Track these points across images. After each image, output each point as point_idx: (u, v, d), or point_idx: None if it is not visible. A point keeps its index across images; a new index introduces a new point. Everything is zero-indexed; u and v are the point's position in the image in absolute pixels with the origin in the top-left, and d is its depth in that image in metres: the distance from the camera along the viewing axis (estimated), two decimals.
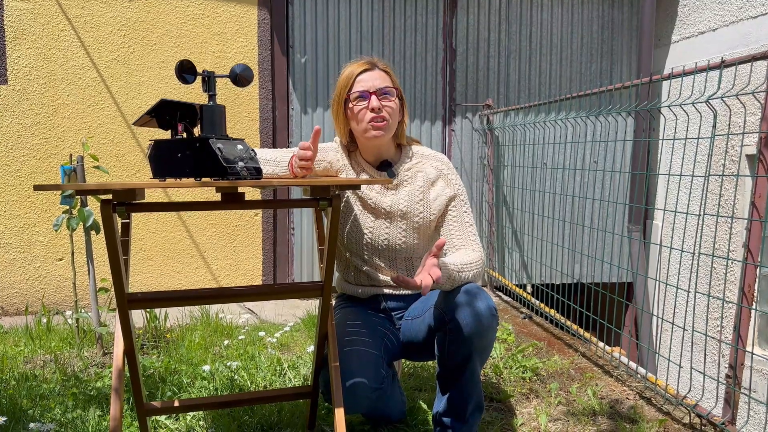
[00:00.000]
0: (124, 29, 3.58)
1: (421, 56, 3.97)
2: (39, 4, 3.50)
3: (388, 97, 1.67)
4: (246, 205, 1.37)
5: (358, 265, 1.81)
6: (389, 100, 1.67)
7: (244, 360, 2.48)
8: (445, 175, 1.77)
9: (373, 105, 1.64)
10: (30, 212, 3.58)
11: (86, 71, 3.57)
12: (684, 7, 3.93)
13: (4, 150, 3.52)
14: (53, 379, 2.24)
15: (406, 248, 1.77)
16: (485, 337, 1.56)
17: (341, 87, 1.69)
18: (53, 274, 3.63)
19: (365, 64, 1.68)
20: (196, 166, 1.41)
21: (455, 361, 1.59)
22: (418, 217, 1.75)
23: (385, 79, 1.68)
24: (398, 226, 1.75)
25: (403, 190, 1.76)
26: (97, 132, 3.59)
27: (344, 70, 1.71)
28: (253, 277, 3.89)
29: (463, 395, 1.63)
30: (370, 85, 1.65)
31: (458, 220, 1.74)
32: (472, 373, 1.61)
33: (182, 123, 1.50)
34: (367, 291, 1.82)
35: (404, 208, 1.74)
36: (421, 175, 1.76)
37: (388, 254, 1.78)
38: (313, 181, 1.35)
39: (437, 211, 1.74)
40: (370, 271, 1.81)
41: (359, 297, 1.84)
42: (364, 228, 1.76)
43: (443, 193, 1.74)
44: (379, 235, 1.75)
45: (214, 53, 3.67)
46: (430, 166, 1.77)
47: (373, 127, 1.66)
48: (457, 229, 1.73)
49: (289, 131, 3.86)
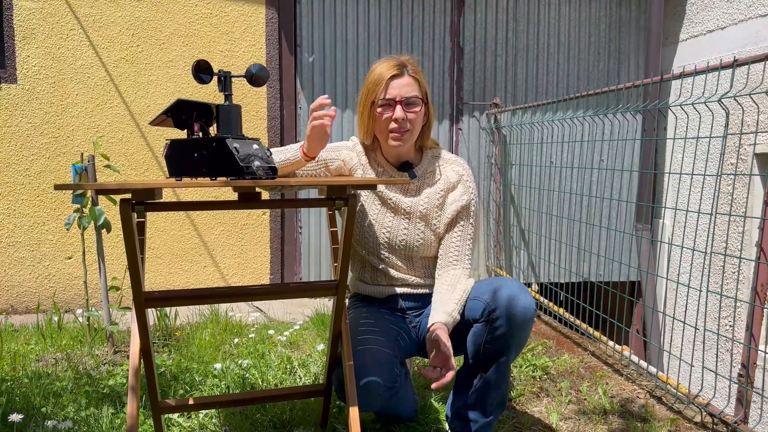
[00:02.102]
0: (132, 28, 3.59)
1: (428, 55, 3.98)
2: (48, 4, 3.51)
3: (414, 107, 1.67)
4: (263, 205, 1.38)
5: (374, 263, 1.82)
6: (414, 110, 1.67)
7: (254, 358, 2.49)
8: (465, 181, 1.78)
9: (397, 115, 1.64)
10: (39, 211, 3.59)
11: (95, 70, 3.58)
12: (692, 5, 3.92)
13: (14, 149, 3.53)
14: (66, 377, 2.25)
15: (423, 248, 1.78)
16: (525, 331, 1.61)
17: (369, 89, 1.68)
18: (62, 273, 3.64)
19: (396, 68, 1.66)
20: (213, 166, 1.42)
21: (491, 353, 1.62)
22: (435, 220, 1.76)
23: (412, 87, 1.67)
24: (417, 226, 1.76)
25: (423, 192, 1.77)
26: (106, 131, 3.60)
27: (374, 69, 1.70)
28: (261, 276, 3.90)
29: (491, 388, 1.66)
30: (396, 93, 1.64)
31: (462, 234, 1.76)
32: (504, 367, 1.65)
33: (198, 123, 1.50)
34: (385, 291, 1.83)
35: (424, 210, 1.76)
36: (442, 178, 1.78)
37: (405, 253, 1.79)
38: (330, 180, 1.36)
39: (450, 216, 1.76)
40: (387, 269, 1.81)
41: (376, 297, 1.85)
42: (383, 227, 1.77)
43: (460, 199, 1.76)
44: (398, 235, 1.76)
45: (222, 52, 3.68)
46: (451, 170, 1.78)
47: (393, 137, 1.67)
48: (458, 242, 1.75)
49: (297, 130, 3.86)
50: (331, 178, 1.41)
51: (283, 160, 1.67)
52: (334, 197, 1.37)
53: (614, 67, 4.17)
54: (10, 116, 3.52)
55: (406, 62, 1.70)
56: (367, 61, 3.89)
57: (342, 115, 3.89)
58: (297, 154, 1.66)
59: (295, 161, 1.67)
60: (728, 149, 3.36)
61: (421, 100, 1.69)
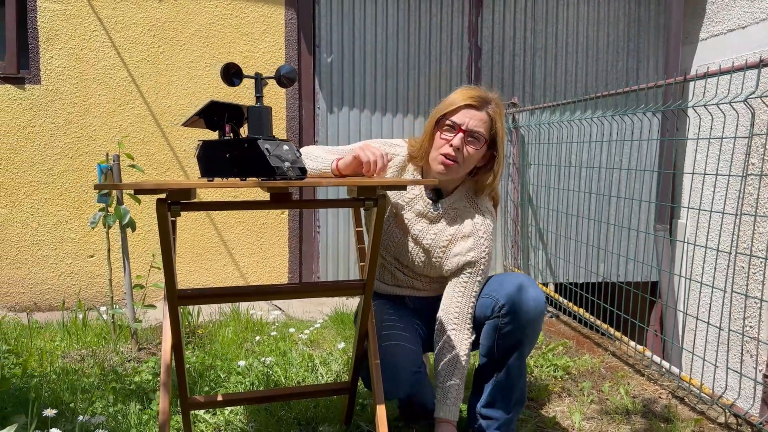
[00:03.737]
0: (153, 29, 3.62)
1: (446, 55, 3.98)
2: (71, 5, 3.56)
3: (475, 142, 1.62)
4: (294, 205, 1.39)
5: (390, 265, 1.84)
6: (473, 146, 1.62)
7: (276, 356, 2.51)
8: (479, 236, 1.71)
9: (454, 142, 1.60)
10: (62, 210, 3.64)
11: (117, 71, 3.62)
12: (712, 4, 3.89)
13: (38, 148, 3.59)
14: (92, 374, 2.29)
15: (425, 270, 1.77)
16: (537, 325, 1.63)
17: (444, 106, 1.64)
18: (84, 271, 3.69)
19: (477, 99, 1.61)
20: (244, 166, 1.44)
21: (505, 349, 1.65)
22: (436, 259, 1.74)
23: (483, 124, 1.61)
24: (419, 254, 1.74)
25: (436, 226, 1.73)
26: (128, 131, 3.65)
27: (459, 91, 1.64)
28: (280, 275, 3.93)
29: (508, 385, 1.68)
30: (464, 121, 1.60)
31: (466, 290, 1.72)
32: (519, 362, 1.67)
33: (229, 124, 1.53)
34: (389, 290, 1.85)
35: (427, 245, 1.73)
36: (458, 222, 1.73)
37: (420, 270, 1.80)
38: (359, 181, 1.37)
39: (452, 267, 1.73)
40: (394, 271, 1.83)
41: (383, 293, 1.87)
42: (392, 240, 1.77)
43: (466, 254, 1.71)
44: (403, 252, 1.77)
45: (242, 53, 3.71)
46: (470, 219, 1.72)
47: (442, 162, 1.63)
48: (461, 298, 1.72)
49: (315, 130, 3.89)
50: (360, 179, 1.42)
51: (313, 168, 1.65)
52: (364, 198, 1.38)
53: (633, 66, 4.15)
54: (34, 116, 3.58)
55: (490, 100, 1.63)
56: (385, 61, 3.90)
57: (360, 114, 3.91)
58: (328, 168, 1.63)
59: (323, 172, 1.66)
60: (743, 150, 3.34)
61: (484, 140, 1.63)
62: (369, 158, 1.51)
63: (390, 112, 3.94)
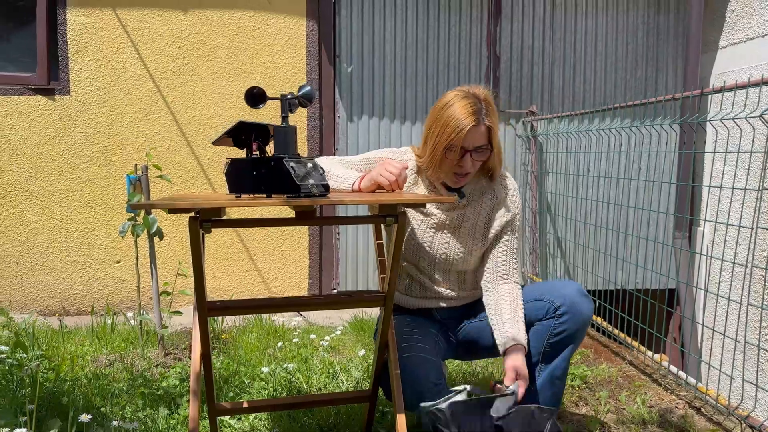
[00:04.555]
0: (179, 41, 3.72)
1: (464, 64, 4.03)
2: (99, 18, 3.67)
3: (482, 155, 1.73)
4: (318, 221, 1.45)
5: (411, 272, 1.89)
6: (481, 158, 1.73)
7: (298, 362, 2.58)
8: (511, 195, 1.85)
9: (464, 164, 1.70)
10: (90, 217, 3.75)
11: (143, 82, 3.72)
12: (732, 12, 3.89)
13: (67, 157, 3.70)
14: (121, 378, 2.37)
15: (461, 263, 1.84)
16: (585, 330, 1.73)
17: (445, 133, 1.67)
18: (111, 276, 3.79)
19: (474, 117, 1.66)
20: (270, 184, 1.50)
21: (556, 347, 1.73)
22: (480, 234, 1.83)
23: (484, 137, 1.70)
24: (459, 241, 1.83)
25: (469, 208, 1.84)
26: (154, 140, 3.74)
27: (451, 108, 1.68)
28: (300, 281, 4.00)
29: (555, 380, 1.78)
30: (469, 144, 1.68)
31: (507, 247, 1.84)
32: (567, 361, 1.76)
33: (256, 142, 1.59)
34: (415, 303, 1.90)
35: (469, 225, 1.83)
36: (488, 194, 1.85)
37: (443, 266, 1.86)
38: (381, 198, 1.43)
39: (496, 230, 1.84)
40: (423, 279, 1.88)
41: (408, 308, 1.92)
42: (424, 240, 1.84)
43: (505, 215, 1.83)
44: (438, 248, 1.83)
45: (264, 64, 3.79)
46: (499, 185, 1.85)
47: (456, 178, 1.76)
48: (504, 256, 1.83)
49: (335, 138, 3.95)
50: (382, 196, 1.48)
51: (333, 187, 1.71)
52: (385, 215, 1.44)
53: (652, 75, 4.16)
54: (63, 126, 3.69)
55: (483, 104, 1.69)
56: (404, 71, 3.96)
57: (379, 123, 3.97)
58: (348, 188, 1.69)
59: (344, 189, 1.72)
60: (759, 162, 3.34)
61: (489, 149, 1.73)
62: (390, 180, 1.58)
63: (409, 120, 3.99)
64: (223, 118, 3.79)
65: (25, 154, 3.67)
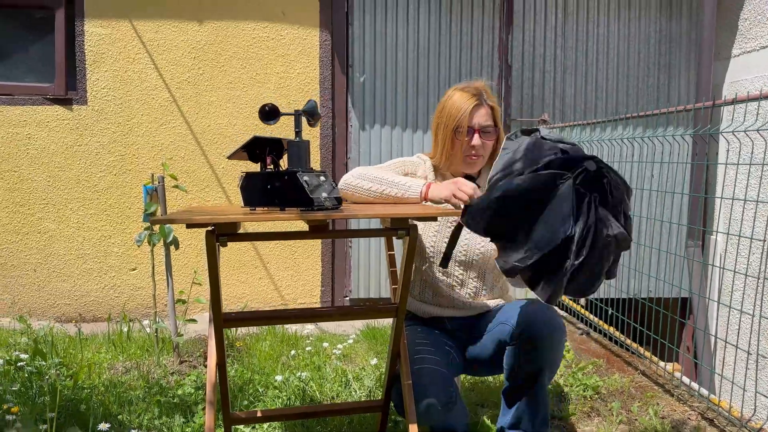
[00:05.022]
0: (194, 52, 3.77)
1: (476, 72, 4.04)
2: (116, 30, 3.73)
3: (489, 135, 1.82)
4: (331, 235, 1.48)
5: (427, 276, 1.90)
6: (489, 138, 1.82)
7: (311, 370, 2.60)
8: None
9: (475, 143, 1.79)
10: (106, 225, 3.80)
11: (159, 92, 3.77)
12: (745, 21, 3.88)
13: (84, 166, 3.76)
14: (137, 386, 2.41)
15: (482, 260, 1.86)
16: (556, 351, 1.69)
17: (451, 116, 1.80)
18: (126, 284, 3.84)
19: (475, 98, 1.79)
20: (284, 197, 1.53)
21: (526, 374, 1.70)
22: None
23: (489, 117, 1.81)
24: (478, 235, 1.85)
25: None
26: (169, 149, 3.80)
27: (453, 97, 1.82)
28: (313, 288, 4.03)
29: (531, 409, 1.73)
30: (475, 122, 1.79)
31: None
32: (541, 386, 1.71)
33: (270, 156, 1.62)
34: (428, 310, 1.92)
35: None
36: None
37: (464, 264, 1.87)
38: (392, 212, 1.45)
39: None
40: (437, 283, 1.89)
41: (421, 317, 1.94)
42: (444, 237, 1.86)
43: None
44: (460, 243, 1.85)
45: (278, 74, 3.83)
46: None
47: (469, 161, 1.82)
48: None
49: (348, 147, 3.98)
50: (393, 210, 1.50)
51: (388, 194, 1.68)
52: (396, 228, 1.46)
53: (665, 82, 4.15)
54: (81, 136, 3.75)
55: (482, 90, 1.83)
56: (416, 80, 3.98)
57: (391, 132, 3.99)
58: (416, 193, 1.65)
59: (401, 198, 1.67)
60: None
61: (495, 129, 1.83)
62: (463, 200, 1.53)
63: (421, 128, 4.02)
64: (237, 127, 3.84)
65: (43, 163, 3.74)
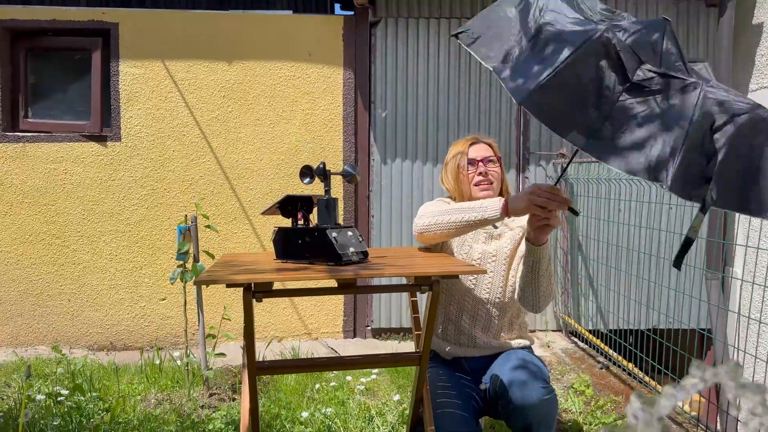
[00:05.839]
0: (223, 90, 3.93)
1: (495, 108, 4.14)
2: (149, 69, 3.90)
3: (493, 164, 2.02)
4: (359, 290, 1.58)
5: (451, 313, 1.98)
6: (494, 167, 2.01)
7: (335, 405, 2.68)
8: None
9: (480, 170, 1.99)
10: (138, 256, 3.95)
11: (190, 128, 3.93)
12: (762, 57, 3.94)
13: (117, 200, 3.92)
14: (170, 420, 2.51)
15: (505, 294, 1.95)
16: (540, 408, 1.75)
17: (456, 157, 2.03)
18: (156, 313, 3.98)
19: (474, 139, 2.06)
20: (314, 251, 1.64)
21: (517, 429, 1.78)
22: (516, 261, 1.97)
23: (488, 150, 2.04)
24: (502, 269, 1.95)
25: (505, 236, 2.00)
26: (199, 183, 3.94)
27: (453, 148, 2.08)
28: (335, 318, 4.12)
29: None
30: (477, 155, 2.01)
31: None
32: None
33: (301, 212, 1.73)
34: (452, 350, 2.00)
35: (507, 251, 1.97)
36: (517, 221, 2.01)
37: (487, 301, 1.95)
38: (415, 271, 1.54)
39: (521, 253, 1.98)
40: (460, 320, 1.97)
41: (443, 357, 2.02)
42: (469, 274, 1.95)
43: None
44: (482, 281, 1.95)
45: (304, 111, 3.97)
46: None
47: (480, 188, 1.98)
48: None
49: (370, 180, 4.10)
50: (416, 268, 1.59)
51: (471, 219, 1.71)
52: (420, 284, 1.55)
53: None
54: (115, 171, 3.91)
55: (478, 135, 2.09)
56: (436, 115, 4.09)
57: (412, 165, 4.10)
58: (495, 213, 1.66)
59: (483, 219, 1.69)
60: None
61: (497, 159, 2.04)
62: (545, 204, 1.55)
63: (440, 162, 4.11)
64: (264, 162, 3.97)
65: (79, 197, 3.90)
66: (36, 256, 3.91)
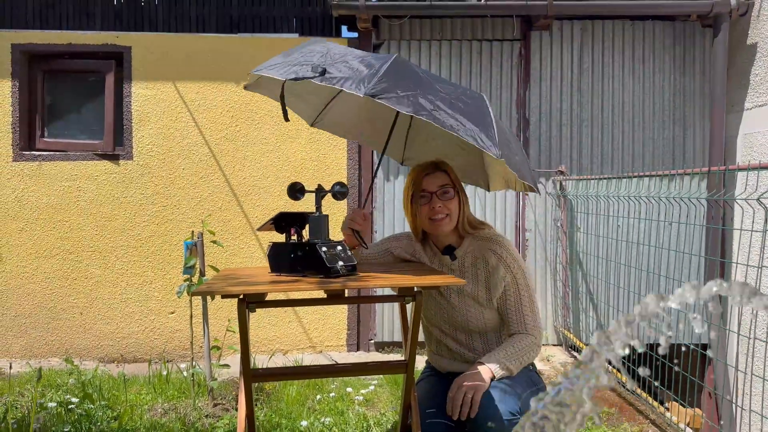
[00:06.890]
0: (232, 111, 4.07)
1: None
2: (161, 91, 4.06)
3: (447, 195, 1.94)
4: (347, 301, 1.67)
5: (437, 336, 2.07)
6: (448, 198, 1.94)
7: (335, 415, 2.77)
8: (504, 261, 1.96)
9: (433, 204, 1.93)
10: (147, 271, 4.08)
11: (199, 147, 4.07)
12: (756, 76, 4.01)
13: (128, 216, 4.06)
14: (175, 429, 2.61)
15: (474, 322, 2.00)
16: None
17: (407, 188, 1.99)
18: (165, 326, 4.09)
19: (429, 167, 1.96)
20: (305, 265, 1.75)
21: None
22: (483, 298, 1.98)
23: (444, 179, 1.95)
24: (466, 304, 1.99)
25: (467, 274, 1.99)
26: (207, 201, 4.07)
27: (409, 176, 2.01)
28: (339, 331, 4.21)
29: None
30: (430, 185, 1.94)
31: (515, 306, 1.96)
32: None
33: (294, 228, 1.84)
34: (445, 365, 2.08)
35: (470, 290, 1.98)
36: (481, 259, 1.98)
37: (462, 327, 2.03)
38: (399, 282, 1.64)
39: (498, 295, 1.97)
40: (447, 341, 2.06)
41: (440, 370, 2.10)
42: (439, 305, 2.02)
43: (503, 279, 1.95)
44: (451, 312, 2.01)
45: (308, 130, 4.10)
46: (488, 251, 1.97)
47: (434, 224, 1.94)
48: (514, 315, 1.96)
49: (373, 196, 4.20)
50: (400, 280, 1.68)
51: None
52: (404, 294, 1.65)
53: (679, 134, 4.29)
54: (126, 188, 4.06)
55: (437, 161, 1.99)
56: None
57: None
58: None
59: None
60: None
61: (453, 189, 1.95)
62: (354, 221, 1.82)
63: None
64: (270, 179, 4.10)
65: (92, 213, 4.05)
66: (50, 270, 4.05)
